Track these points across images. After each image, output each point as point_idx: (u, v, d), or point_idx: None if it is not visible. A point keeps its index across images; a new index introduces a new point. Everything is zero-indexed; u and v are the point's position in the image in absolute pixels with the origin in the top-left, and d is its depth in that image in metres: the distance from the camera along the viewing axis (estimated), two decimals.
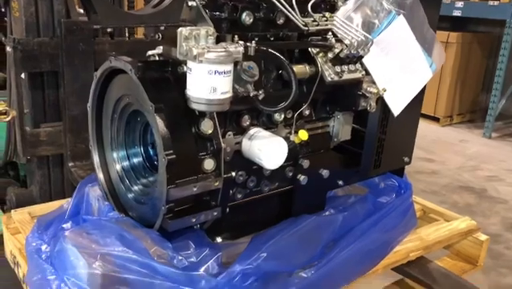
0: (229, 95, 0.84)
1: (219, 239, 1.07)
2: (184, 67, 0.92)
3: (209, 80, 0.80)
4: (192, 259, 0.86)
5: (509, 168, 4.36)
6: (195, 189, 0.88)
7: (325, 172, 1.16)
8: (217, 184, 0.91)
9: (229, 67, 0.82)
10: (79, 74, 1.52)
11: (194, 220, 0.90)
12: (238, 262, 0.85)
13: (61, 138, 1.58)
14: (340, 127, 1.18)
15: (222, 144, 0.92)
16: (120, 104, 1.01)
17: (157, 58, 1.02)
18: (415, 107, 1.25)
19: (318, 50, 1.06)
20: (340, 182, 1.23)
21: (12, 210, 1.24)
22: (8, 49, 1.44)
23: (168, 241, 0.89)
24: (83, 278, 0.80)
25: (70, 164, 1.58)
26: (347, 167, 1.25)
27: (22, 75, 1.50)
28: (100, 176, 1.07)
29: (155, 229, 0.90)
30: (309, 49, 1.06)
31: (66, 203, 1.14)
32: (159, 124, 0.84)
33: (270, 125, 1.05)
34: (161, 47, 1.04)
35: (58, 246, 0.84)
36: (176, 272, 0.78)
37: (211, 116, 0.90)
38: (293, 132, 1.08)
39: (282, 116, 1.05)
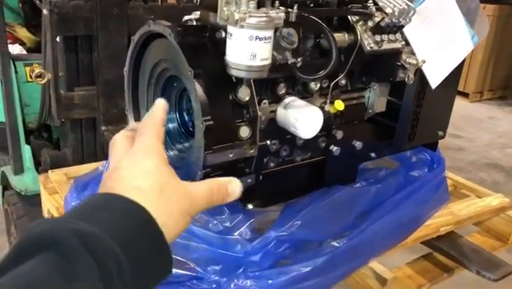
0: (269, 62, 0.83)
1: (250, 206, 1.08)
2: (223, 33, 0.91)
3: (249, 46, 0.79)
4: (226, 224, 0.88)
5: None
6: (231, 156, 0.89)
7: (358, 144, 1.15)
8: (252, 151, 0.92)
9: (270, 33, 0.81)
10: (113, 38, 1.53)
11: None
12: (273, 228, 0.86)
13: (94, 102, 1.61)
14: (376, 98, 1.17)
15: (258, 112, 0.91)
16: (157, 69, 1.01)
17: (194, 23, 1.02)
18: (452, 80, 1.22)
19: (357, 18, 1.04)
20: (373, 154, 1.23)
21: (49, 171, 1.27)
22: (44, 12, 1.45)
23: None
24: None
25: (102, 128, 1.61)
26: (380, 139, 1.24)
27: (57, 39, 1.52)
28: None
29: None
30: (348, 17, 1.03)
31: (101, 165, 1.16)
32: (197, 90, 0.84)
33: (305, 94, 1.04)
34: (198, 12, 1.03)
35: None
36: (212, 235, 0.80)
37: (248, 83, 0.90)
38: (328, 101, 1.07)
39: (318, 85, 1.04)
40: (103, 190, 0.51)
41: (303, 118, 0.95)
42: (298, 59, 0.91)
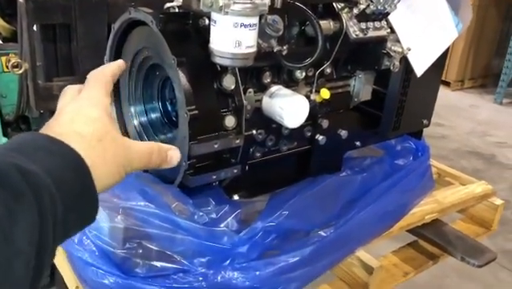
0: (254, 49, 0.82)
1: (236, 197, 1.07)
2: (207, 20, 0.89)
3: (234, 33, 0.77)
4: (212, 216, 0.86)
5: None
6: (216, 146, 0.87)
7: (343, 133, 1.15)
8: (238, 141, 0.90)
9: (255, 20, 0.79)
10: (92, 27, 1.49)
11: (215, 177, 0.89)
12: (260, 219, 0.85)
13: None
14: (361, 86, 1.16)
15: (244, 101, 0.90)
16: (139, 58, 0.99)
17: (177, 10, 0.99)
18: (437, 68, 1.22)
19: (343, 5, 1.02)
20: (358, 143, 1.22)
21: None
22: (20, 0, 1.40)
23: (189, 197, 0.89)
24: (105, 232, 0.80)
25: None
26: (365, 128, 1.23)
27: (34, 28, 1.47)
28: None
29: (175, 185, 0.89)
30: (333, 4, 1.02)
31: None
32: (181, 79, 0.82)
33: (290, 83, 1.03)
34: (180, 0, 1.01)
35: None
36: (198, 227, 0.78)
37: (233, 71, 0.88)
38: (314, 90, 1.06)
39: (304, 73, 1.03)
40: (46, 131, 0.51)
41: (289, 107, 0.94)
42: (284, 47, 0.89)
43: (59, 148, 0.47)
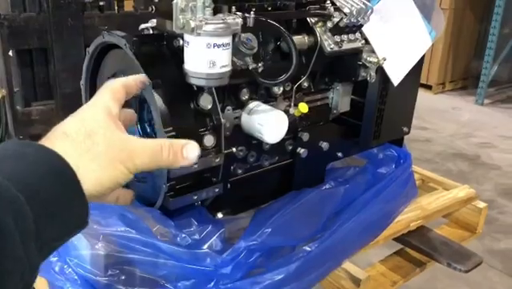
0: (229, 68, 0.82)
1: (220, 215, 1.06)
2: (181, 41, 0.89)
3: (207, 54, 0.77)
4: (195, 237, 0.85)
5: (502, 134, 4.41)
6: (196, 166, 0.86)
7: (325, 145, 1.15)
8: (217, 160, 0.90)
9: (228, 40, 0.79)
10: (69, 50, 1.49)
11: (196, 197, 0.89)
12: (243, 238, 0.84)
13: (53, 116, 1.55)
14: (340, 98, 1.17)
15: (222, 120, 0.90)
16: None
17: (151, 31, 0.99)
18: (414, 76, 1.23)
19: (316, 19, 1.03)
20: (340, 154, 1.23)
21: None
22: None
23: (170, 219, 0.88)
24: (86, 260, 0.79)
25: None
26: (346, 139, 1.24)
27: (10, 53, 1.46)
28: None
29: (156, 208, 0.88)
30: (307, 19, 1.03)
31: None
32: (157, 101, 0.81)
33: (268, 98, 1.03)
34: (155, 20, 1.01)
35: None
36: (180, 250, 0.77)
37: (210, 90, 0.88)
38: (292, 104, 1.06)
39: (281, 88, 1.03)
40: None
41: (268, 123, 0.94)
42: (259, 64, 0.89)
43: (32, 152, 0.45)
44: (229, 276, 0.78)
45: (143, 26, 1.02)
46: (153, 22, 1.01)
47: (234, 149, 0.95)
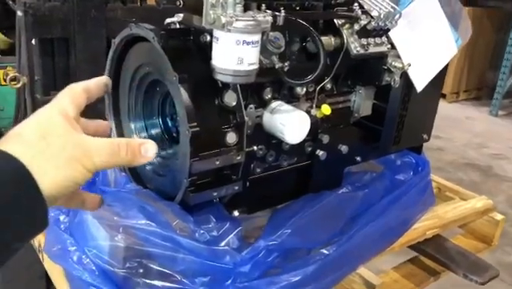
0: (256, 66, 0.81)
1: (236, 213, 1.06)
2: (208, 36, 0.89)
3: (236, 50, 0.77)
4: (213, 233, 0.85)
5: None
6: (218, 163, 0.86)
7: (344, 148, 1.14)
8: (239, 158, 0.89)
9: (258, 37, 0.79)
10: (91, 41, 1.49)
11: (215, 194, 0.88)
12: (262, 238, 0.84)
13: None
14: (362, 102, 1.16)
15: (245, 118, 0.89)
16: (139, 73, 0.98)
17: (177, 26, 0.99)
18: (437, 83, 1.22)
19: (343, 21, 1.03)
20: (358, 158, 1.21)
21: None
22: (19, 13, 1.40)
23: (189, 214, 0.88)
24: (105, 251, 0.79)
25: None
26: (365, 143, 1.23)
27: (33, 41, 1.46)
28: None
29: (175, 203, 0.88)
30: (334, 20, 1.02)
31: None
32: (183, 95, 0.81)
33: (291, 99, 1.02)
34: (181, 15, 1.01)
35: (78, 217, 0.83)
36: (200, 246, 0.77)
37: (234, 87, 0.88)
38: (314, 106, 1.06)
39: (304, 89, 1.02)
40: None
41: (290, 123, 0.94)
42: (286, 64, 0.89)
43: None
44: (247, 275, 0.78)
45: (169, 20, 1.02)
46: (179, 17, 1.01)
47: (255, 148, 0.95)
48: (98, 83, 0.63)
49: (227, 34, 0.76)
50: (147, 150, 0.57)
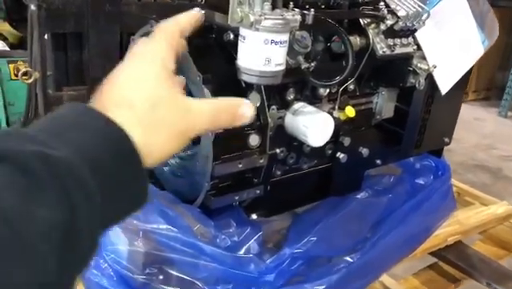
0: (283, 67, 0.78)
1: (254, 216, 1.03)
2: (231, 35, 0.86)
3: (264, 50, 0.74)
4: (234, 238, 0.82)
5: None
6: (240, 166, 0.83)
7: (365, 151, 1.11)
8: (261, 161, 0.87)
9: (286, 37, 0.76)
10: (104, 36, 1.46)
11: (237, 197, 0.86)
12: (287, 245, 0.81)
13: (84, 102, 1.53)
14: (384, 103, 1.13)
15: (269, 119, 0.86)
16: None
17: None
18: (460, 85, 1.18)
19: (369, 21, 0.99)
20: (378, 161, 1.18)
21: None
22: (32, 7, 1.37)
23: (210, 218, 0.85)
24: (124, 256, 0.76)
25: None
26: (386, 146, 1.20)
27: (45, 36, 1.44)
28: None
29: (195, 206, 0.85)
30: (360, 19, 0.99)
31: None
32: (207, 97, 0.78)
33: (313, 100, 0.99)
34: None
35: None
36: (224, 254, 0.74)
37: (258, 88, 0.85)
38: (337, 107, 1.03)
39: (327, 90, 0.99)
40: (94, 100, 0.46)
41: (314, 125, 0.91)
42: (312, 64, 0.86)
43: (98, 124, 0.41)
44: (271, 283, 0.75)
45: None
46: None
47: (278, 151, 0.92)
48: (190, 19, 0.57)
49: (255, 33, 0.73)
50: (244, 112, 0.53)
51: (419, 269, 1.19)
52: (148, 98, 0.46)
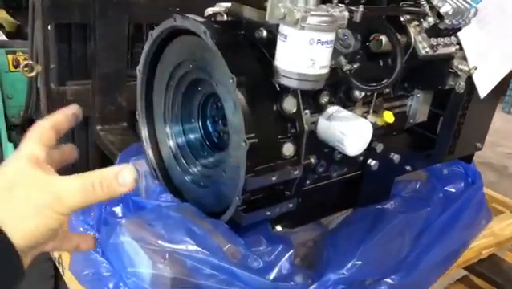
0: (327, 70, 0.70)
1: (279, 228, 0.96)
2: (264, 32, 0.77)
3: (309, 51, 0.65)
4: (265, 258, 0.75)
5: None
6: (274, 179, 0.75)
7: (396, 157, 1.03)
8: (296, 172, 0.79)
9: (333, 36, 0.67)
10: (112, 27, 1.36)
11: (269, 213, 0.78)
12: (332, 271, 0.73)
13: (88, 98, 1.43)
14: (418, 106, 1.05)
15: (305, 126, 0.78)
16: (180, 71, 0.87)
17: (225, 17, 0.87)
18: (498, 88, 1.10)
19: (409, 17, 0.91)
20: (408, 168, 1.11)
21: None
22: None
23: (238, 234, 0.77)
24: (146, 279, 0.68)
25: (98, 128, 1.44)
26: (417, 151, 1.12)
27: (48, 27, 1.34)
28: (149, 151, 0.94)
29: (223, 221, 0.77)
30: (400, 17, 0.90)
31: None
32: (241, 102, 0.70)
33: (347, 102, 0.91)
34: (223, 4, 0.89)
35: (113, 237, 0.72)
36: (263, 281, 0.66)
37: (294, 92, 0.76)
38: (371, 111, 0.95)
39: (363, 92, 0.91)
40: None
41: (352, 133, 0.82)
42: (355, 65, 0.77)
43: None
44: None
45: (211, 10, 0.90)
46: (221, 6, 0.89)
47: (312, 160, 0.84)
48: (67, 115, 0.58)
49: (300, 31, 0.64)
50: (124, 179, 0.50)
51: (449, 283, 1.12)
52: (2, 182, 0.48)
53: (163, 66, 0.89)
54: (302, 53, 0.66)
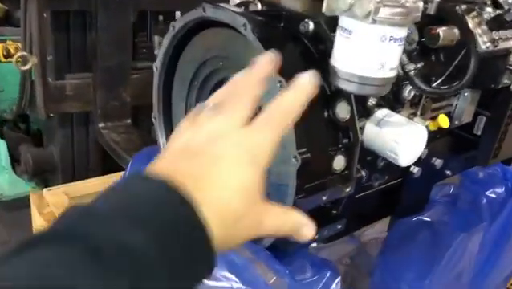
0: (396, 72, 0.59)
1: (314, 244, 0.85)
2: (311, 25, 0.66)
3: (379, 49, 0.54)
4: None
5: None
6: (324, 198, 0.65)
7: (438, 162, 0.94)
8: (348, 190, 0.68)
9: (405, 32, 0.56)
10: (116, 17, 1.24)
11: (317, 236, 0.67)
12: None
13: (89, 93, 1.31)
14: (465, 107, 0.94)
15: (360, 136, 0.67)
16: (206, 69, 0.75)
17: (259, 6, 0.75)
18: None
19: (465, 7, 0.80)
20: (448, 172, 1.01)
21: (44, 190, 0.99)
22: None
23: (280, 260, 0.67)
24: None
25: (100, 125, 1.32)
26: (458, 155, 1.02)
27: (44, 14, 1.20)
28: None
29: (263, 246, 0.67)
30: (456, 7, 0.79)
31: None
32: None
33: (395, 104, 0.80)
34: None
35: None
36: None
37: (348, 96, 0.65)
38: (419, 113, 0.84)
39: (412, 92, 0.80)
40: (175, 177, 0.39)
41: (408, 141, 0.72)
42: (418, 65, 0.67)
43: (181, 212, 0.38)
44: None
45: None
46: None
47: (363, 173, 0.73)
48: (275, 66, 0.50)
49: (370, 26, 0.53)
50: (305, 234, 0.48)
51: None
52: (238, 210, 0.42)
53: (185, 63, 0.77)
54: (371, 52, 0.54)
